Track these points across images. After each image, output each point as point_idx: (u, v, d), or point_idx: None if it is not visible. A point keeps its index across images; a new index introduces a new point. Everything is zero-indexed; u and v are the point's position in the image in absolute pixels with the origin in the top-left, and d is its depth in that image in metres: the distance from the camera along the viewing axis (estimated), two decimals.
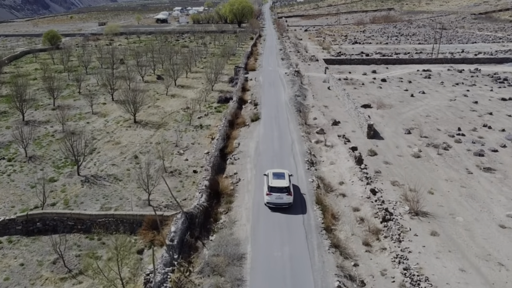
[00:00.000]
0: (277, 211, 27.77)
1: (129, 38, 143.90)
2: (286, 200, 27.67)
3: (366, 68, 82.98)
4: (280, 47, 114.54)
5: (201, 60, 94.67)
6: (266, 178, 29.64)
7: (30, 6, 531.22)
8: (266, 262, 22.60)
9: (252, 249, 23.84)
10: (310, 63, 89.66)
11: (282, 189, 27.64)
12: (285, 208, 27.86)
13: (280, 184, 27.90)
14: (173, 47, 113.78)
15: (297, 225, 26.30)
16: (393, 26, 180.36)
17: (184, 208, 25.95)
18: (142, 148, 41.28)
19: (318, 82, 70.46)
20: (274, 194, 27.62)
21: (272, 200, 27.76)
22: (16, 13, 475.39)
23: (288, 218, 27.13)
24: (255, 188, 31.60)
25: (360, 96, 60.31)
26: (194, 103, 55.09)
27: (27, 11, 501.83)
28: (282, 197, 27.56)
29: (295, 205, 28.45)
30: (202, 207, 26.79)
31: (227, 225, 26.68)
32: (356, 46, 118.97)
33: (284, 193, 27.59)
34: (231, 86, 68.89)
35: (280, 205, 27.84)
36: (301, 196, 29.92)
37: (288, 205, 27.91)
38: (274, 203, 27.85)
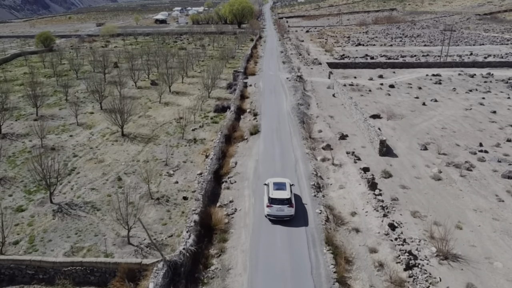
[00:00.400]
0: (278, 223, 26.55)
1: (125, 40, 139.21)
2: (287, 212, 26.48)
3: (372, 73, 78.22)
4: (281, 49, 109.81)
5: (198, 64, 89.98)
6: (266, 188, 28.30)
7: (30, 6, 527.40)
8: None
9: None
10: (313, 67, 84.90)
11: (283, 201, 26.44)
12: (287, 222, 26.65)
13: (281, 195, 26.69)
14: (170, 49, 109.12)
15: (304, 276, 21.62)
16: (396, 27, 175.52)
17: (167, 256, 21.25)
18: (128, 167, 36.58)
19: (322, 88, 65.70)
20: (274, 206, 26.42)
21: (272, 212, 26.57)
22: (16, 13, 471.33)
23: (294, 265, 22.46)
24: (253, 222, 26.94)
25: (368, 105, 55.58)
26: (189, 112, 50.51)
27: (27, 11, 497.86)
28: (283, 209, 26.36)
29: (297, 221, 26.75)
30: (190, 252, 22.11)
31: (219, 273, 22.01)
32: (359, 48, 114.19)
33: (285, 205, 26.38)
34: (229, 92, 64.19)
35: (281, 218, 26.63)
36: (303, 208, 28.57)
37: (290, 217, 26.69)
38: (274, 215, 26.62)
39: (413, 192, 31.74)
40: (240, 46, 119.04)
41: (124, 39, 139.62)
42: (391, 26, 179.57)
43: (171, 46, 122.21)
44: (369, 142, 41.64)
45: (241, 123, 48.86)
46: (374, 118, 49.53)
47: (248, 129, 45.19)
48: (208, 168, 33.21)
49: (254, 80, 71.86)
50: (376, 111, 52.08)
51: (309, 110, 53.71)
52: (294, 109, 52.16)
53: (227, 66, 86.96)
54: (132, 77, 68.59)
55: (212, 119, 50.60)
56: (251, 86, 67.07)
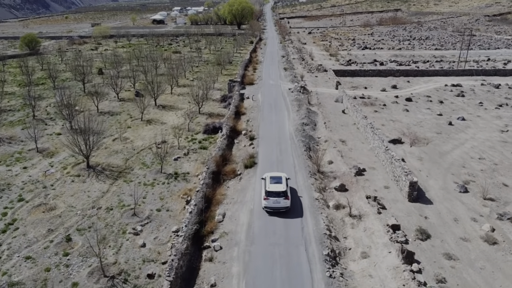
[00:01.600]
0: (274, 215, 27.11)
1: (118, 42, 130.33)
2: (283, 204, 27.23)
3: (384, 82, 69.34)
4: (282, 53, 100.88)
5: (192, 70, 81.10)
6: (263, 182, 29.01)
7: (30, 6, 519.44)
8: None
9: None
10: (318, 75, 75.98)
11: (280, 194, 27.18)
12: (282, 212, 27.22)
13: (277, 188, 27.43)
14: (163, 53, 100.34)
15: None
16: (402, 28, 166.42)
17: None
18: (84, 219, 27.79)
19: (329, 102, 56.83)
20: (271, 199, 27.12)
21: (269, 205, 27.24)
22: (15, 12, 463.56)
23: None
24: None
25: (385, 124, 46.74)
26: (174, 133, 41.76)
27: (27, 11, 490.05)
28: (280, 201, 27.10)
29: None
30: None
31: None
32: (366, 52, 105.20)
33: (281, 197, 27.13)
34: (223, 106, 55.36)
35: (277, 209, 27.33)
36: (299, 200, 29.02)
37: (286, 209, 27.42)
38: (271, 207, 27.30)
39: (463, 266, 22.91)
40: (238, 49, 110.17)
41: (116, 41, 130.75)
42: (396, 27, 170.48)
43: (165, 49, 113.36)
44: (393, 180, 32.82)
45: (235, 149, 39.99)
46: (394, 143, 40.72)
47: (242, 160, 36.36)
48: (185, 228, 24.38)
49: (252, 91, 63.01)
50: (396, 134, 43.24)
51: (315, 131, 44.86)
52: (298, 130, 43.32)
53: (223, 73, 78.13)
54: (113, 87, 59.70)
55: (201, 143, 41.78)
56: (248, 99, 58.22)
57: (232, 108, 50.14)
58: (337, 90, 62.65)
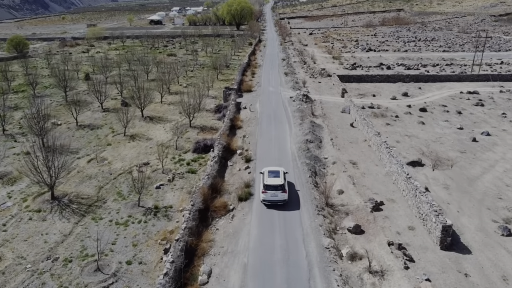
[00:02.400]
0: (272, 208, 27.26)
1: (112, 43, 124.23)
2: (281, 197, 27.36)
3: (393, 88, 63.27)
4: (282, 56, 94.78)
5: (186, 75, 75.04)
6: (262, 176, 28.94)
7: (29, 6, 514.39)
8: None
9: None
10: (321, 80, 69.90)
11: (277, 187, 27.31)
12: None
13: (275, 182, 27.56)
14: (157, 56, 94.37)
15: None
16: (406, 29, 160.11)
17: None
18: (33, 277, 21.78)
19: (335, 113, 50.79)
20: (269, 192, 27.27)
21: (267, 198, 27.41)
22: (15, 13, 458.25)
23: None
24: None
25: (400, 141, 40.72)
26: (160, 152, 35.79)
27: (26, 11, 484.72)
28: (277, 194, 27.23)
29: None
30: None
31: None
32: (371, 54, 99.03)
33: (279, 190, 27.25)
34: (217, 118, 49.34)
35: (275, 202, 27.48)
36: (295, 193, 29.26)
37: (283, 202, 27.56)
38: (269, 200, 27.48)
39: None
40: (237, 52, 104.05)
41: (110, 43, 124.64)
42: (400, 28, 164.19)
43: (160, 51, 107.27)
44: (419, 217, 26.76)
45: (228, 174, 33.90)
46: (413, 166, 34.71)
47: (236, 189, 30.34)
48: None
49: (250, 99, 56.98)
50: (415, 154, 37.19)
51: (321, 149, 38.80)
52: (302, 150, 37.28)
53: (219, 79, 72.06)
54: (97, 97, 53.63)
55: (189, 166, 35.76)
56: (245, 109, 52.20)
57: (227, 122, 44.07)
58: (343, 99, 56.60)
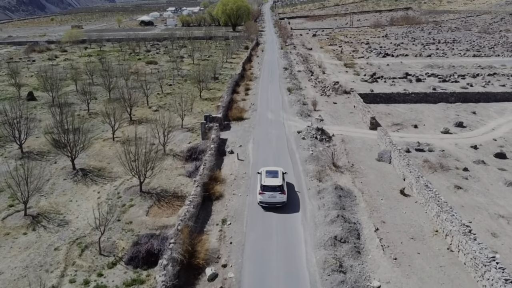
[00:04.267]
0: (270, 210, 24.07)
1: (89, 48, 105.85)
2: (279, 199, 24.48)
3: (438, 113, 45.11)
4: (284, 64, 76.52)
5: (161, 91, 56.84)
6: (259, 176, 26.30)
7: (25, 7, 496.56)
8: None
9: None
10: (336, 99, 51.65)
11: (275, 188, 24.48)
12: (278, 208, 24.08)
13: (273, 182, 24.70)
14: (135, 63, 76.23)
15: None
16: (419, 29, 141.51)
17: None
18: None
19: (368, 161, 32.49)
20: (267, 193, 24.47)
21: (265, 199, 24.58)
22: (10, 14, 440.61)
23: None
24: None
25: (497, 234, 22.48)
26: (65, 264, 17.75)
27: (22, 12, 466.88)
28: (275, 196, 24.39)
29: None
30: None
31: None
32: (390, 60, 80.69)
33: (277, 192, 24.41)
34: (186, 172, 30.90)
35: (273, 204, 24.57)
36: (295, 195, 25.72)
37: (282, 204, 24.63)
38: (267, 202, 24.62)
39: None
40: (230, 58, 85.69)
41: (86, 47, 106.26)
42: (412, 28, 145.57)
43: (140, 57, 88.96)
44: None
45: None
46: None
47: None
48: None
49: (239, 134, 38.71)
50: None
51: (363, 264, 20.38)
52: (328, 269, 19.06)
53: (202, 97, 53.85)
54: (14, 136, 35.39)
55: None
56: (231, 155, 33.92)
57: (196, 192, 25.71)
58: (373, 132, 38.45)
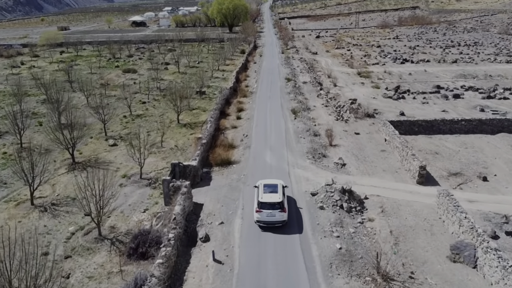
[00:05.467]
0: (268, 230, 20.37)
1: (65, 52, 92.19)
2: (279, 217, 20.80)
3: (503, 149, 31.57)
4: (286, 72, 63.03)
5: (130, 113, 43.36)
6: (256, 191, 22.56)
7: (22, 8, 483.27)
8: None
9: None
10: (357, 124, 38.02)
11: (274, 205, 20.78)
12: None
13: (271, 199, 21.06)
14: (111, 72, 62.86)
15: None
16: (432, 29, 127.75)
17: None
18: None
19: (432, 258, 18.88)
20: (264, 211, 20.81)
21: (262, 218, 20.93)
22: (7, 14, 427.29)
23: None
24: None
25: None
26: None
27: (19, 13, 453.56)
28: (274, 214, 20.77)
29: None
30: None
31: None
32: (411, 68, 67.11)
33: (276, 209, 20.75)
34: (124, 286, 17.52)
35: (272, 224, 20.92)
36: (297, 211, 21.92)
37: (282, 223, 20.91)
38: (265, 222, 20.96)
39: None
40: (223, 64, 72.13)
41: (63, 52, 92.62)
42: (423, 28, 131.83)
43: (119, 64, 75.42)
44: None
45: None
46: None
47: None
48: None
49: (222, 198, 25.05)
50: None
51: None
52: None
53: (181, 121, 40.31)
54: None
55: None
56: (205, 243, 20.34)
57: None
58: (425, 189, 25.00)
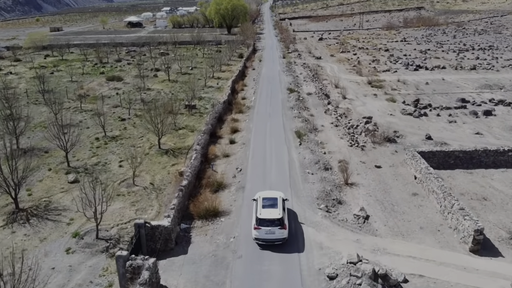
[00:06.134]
0: (268, 248, 19.08)
1: (50, 56, 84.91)
2: (278, 235, 19.30)
3: None
4: (288, 81, 55.76)
5: (104, 135, 36.06)
6: (254, 205, 20.81)
7: (22, 7, 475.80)
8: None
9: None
10: (376, 152, 30.68)
11: (274, 222, 19.22)
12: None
13: (271, 215, 19.43)
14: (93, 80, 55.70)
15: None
16: (440, 31, 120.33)
17: None
18: None
19: None
20: (263, 228, 19.21)
21: (261, 236, 19.37)
22: (6, 14, 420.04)
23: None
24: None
25: None
26: None
27: (18, 12, 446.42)
28: (274, 231, 19.24)
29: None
30: None
31: None
32: (425, 76, 59.83)
33: (276, 226, 19.17)
34: None
35: (271, 242, 19.41)
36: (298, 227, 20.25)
37: (282, 241, 19.50)
38: (263, 239, 19.43)
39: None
40: (218, 70, 64.82)
41: (47, 55, 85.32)
42: (431, 30, 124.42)
43: (105, 69, 68.15)
44: None
45: None
46: None
47: None
48: None
49: (202, 278, 17.98)
50: None
51: None
52: None
53: (163, 146, 33.00)
54: None
55: None
56: None
57: None
58: (477, 258, 17.82)
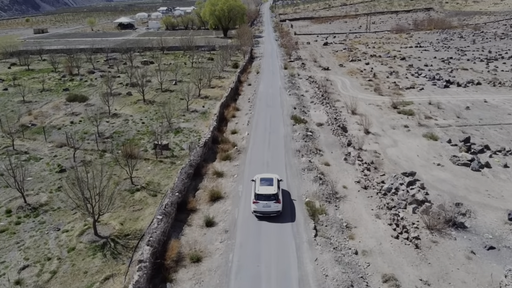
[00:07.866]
0: (264, 219, 22.00)
1: (16, 65, 72.17)
2: (274, 208, 22.35)
3: None
4: (292, 104, 43.23)
5: (19, 211, 23.60)
6: (253, 184, 23.76)
7: (19, 7, 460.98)
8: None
9: None
10: (436, 249, 18.20)
11: (270, 197, 22.30)
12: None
13: (267, 191, 22.46)
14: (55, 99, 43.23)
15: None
16: (456, 35, 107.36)
17: None
18: None
19: None
20: (261, 202, 22.28)
21: (259, 209, 22.40)
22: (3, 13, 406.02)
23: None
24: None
25: None
26: None
27: (15, 12, 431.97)
28: (270, 205, 22.28)
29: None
30: None
31: None
32: (461, 95, 47.25)
33: (272, 200, 22.26)
34: None
35: (267, 214, 22.45)
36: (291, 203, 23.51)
37: (277, 213, 22.50)
38: (261, 212, 22.45)
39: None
40: (207, 87, 52.20)
41: (14, 64, 72.57)
42: (445, 34, 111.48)
43: (73, 84, 55.52)
44: None
45: None
46: None
47: None
48: None
49: None
50: None
51: None
52: None
53: (99, 233, 20.45)
54: None
55: None
56: None
57: None
58: None
